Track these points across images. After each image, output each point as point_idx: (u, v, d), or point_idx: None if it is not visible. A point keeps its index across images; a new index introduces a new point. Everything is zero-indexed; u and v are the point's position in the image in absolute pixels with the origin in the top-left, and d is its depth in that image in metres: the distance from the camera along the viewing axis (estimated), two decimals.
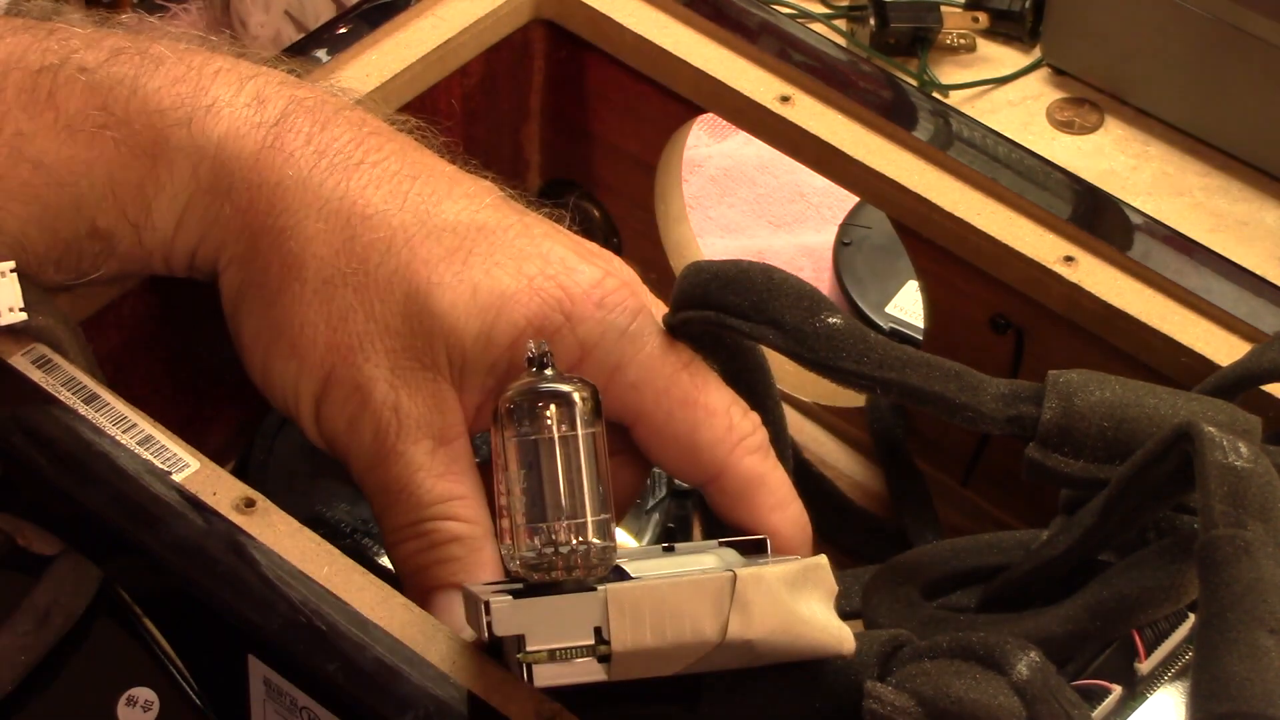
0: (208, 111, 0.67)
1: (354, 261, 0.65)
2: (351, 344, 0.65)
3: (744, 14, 0.82)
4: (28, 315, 0.65)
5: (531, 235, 0.67)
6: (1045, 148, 1.03)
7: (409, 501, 0.65)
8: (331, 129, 0.68)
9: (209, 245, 0.67)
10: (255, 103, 0.67)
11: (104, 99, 0.66)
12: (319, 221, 0.66)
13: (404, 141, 0.69)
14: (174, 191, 0.67)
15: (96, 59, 0.67)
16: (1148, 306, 0.73)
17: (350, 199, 0.66)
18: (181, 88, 0.67)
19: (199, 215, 0.67)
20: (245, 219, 0.66)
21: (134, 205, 0.67)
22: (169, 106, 0.67)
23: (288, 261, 0.66)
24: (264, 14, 1.07)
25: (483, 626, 0.56)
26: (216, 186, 0.66)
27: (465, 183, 0.68)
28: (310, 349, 0.65)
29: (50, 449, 0.64)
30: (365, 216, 0.66)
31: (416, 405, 0.65)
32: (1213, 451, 0.57)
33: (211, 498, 0.63)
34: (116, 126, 0.66)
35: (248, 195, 0.66)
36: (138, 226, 0.67)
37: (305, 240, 0.66)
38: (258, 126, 0.67)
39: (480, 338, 0.65)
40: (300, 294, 0.65)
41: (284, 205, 0.66)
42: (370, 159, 0.67)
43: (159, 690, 0.64)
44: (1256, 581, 0.54)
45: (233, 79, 0.68)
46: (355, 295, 0.65)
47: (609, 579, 0.58)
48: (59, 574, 0.65)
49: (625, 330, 0.66)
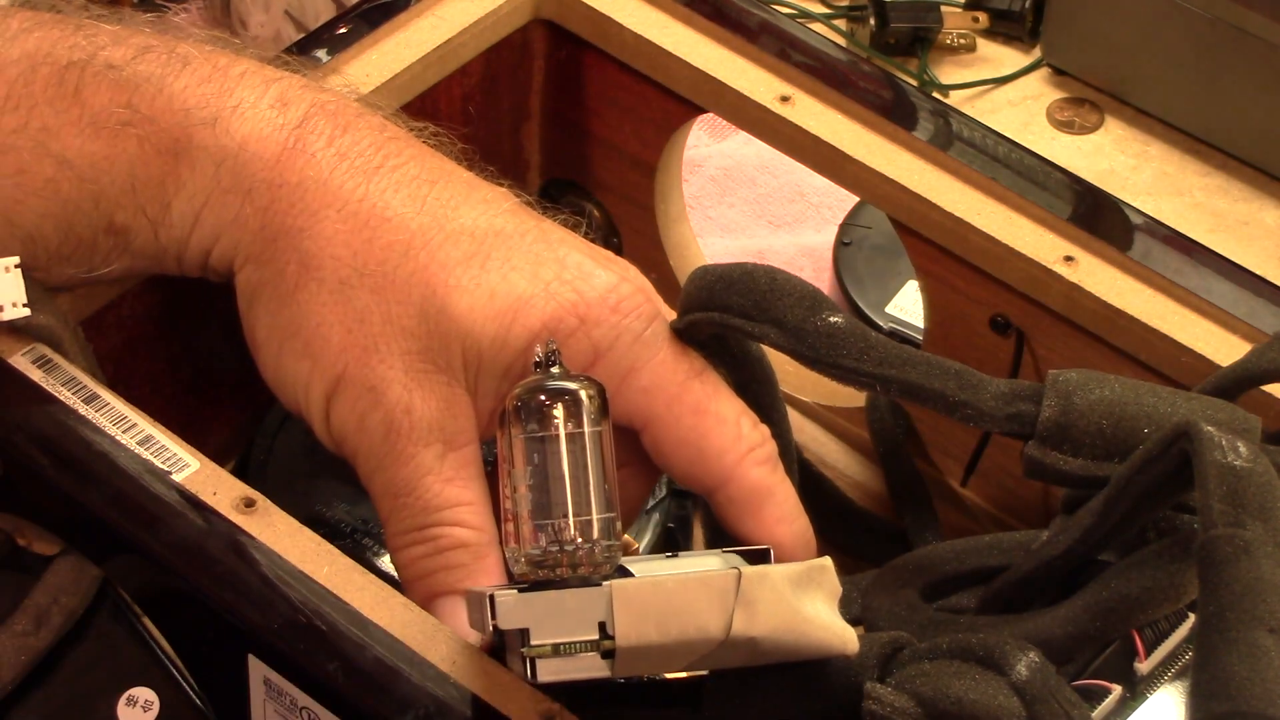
0: (233, 112, 0.67)
1: (372, 263, 0.65)
2: (366, 345, 0.65)
3: (744, 14, 0.82)
4: (30, 311, 0.65)
5: (548, 241, 0.67)
6: (1045, 148, 1.03)
7: (416, 505, 0.65)
8: (353, 132, 0.68)
9: (226, 244, 0.67)
10: (279, 104, 0.68)
11: (130, 96, 0.66)
12: (338, 222, 0.66)
13: (423, 147, 0.69)
14: (194, 190, 0.67)
15: (124, 55, 0.67)
16: (1148, 306, 0.73)
17: (370, 201, 0.66)
18: (208, 88, 0.67)
19: (217, 214, 0.67)
20: (264, 218, 0.66)
21: (153, 202, 0.67)
22: (195, 105, 0.67)
23: (305, 261, 0.66)
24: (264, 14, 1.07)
25: (487, 622, 0.56)
26: (237, 186, 0.66)
27: (483, 188, 0.69)
28: (324, 348, 0.65)
29: (50, 449, 0.64)
30: (384, 219, 0.66)
31: (429, 408, 0.65)
32: (1212, 451, 0.57)
33: (211, 498, 0.63)
34: (141, 124, 0.66)
35: (268, 195, 0.66)
36: (155, 223, 0.67)
37: (324, 240, 0.66)
38: (280, 128, 0.67)
39: (496, 341, 0.65)
40: (317, 294, 0.66)
41: (304, 205, 0.66)
42: (390, 163, 0.67)
43: (159, 690, 0.64)
44: (1256, 581, 0.54)
45: (258, 81, 0.68)
46: (372, 296, 0.65)
47: (613, 578, 0.58)
48: (59, 574, 0.65)
49: (640, 335, 0.66)
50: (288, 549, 0.62)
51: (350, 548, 0.70)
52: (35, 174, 0.66)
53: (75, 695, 0.64)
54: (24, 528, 0.66)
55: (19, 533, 0.65)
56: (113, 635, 0.65)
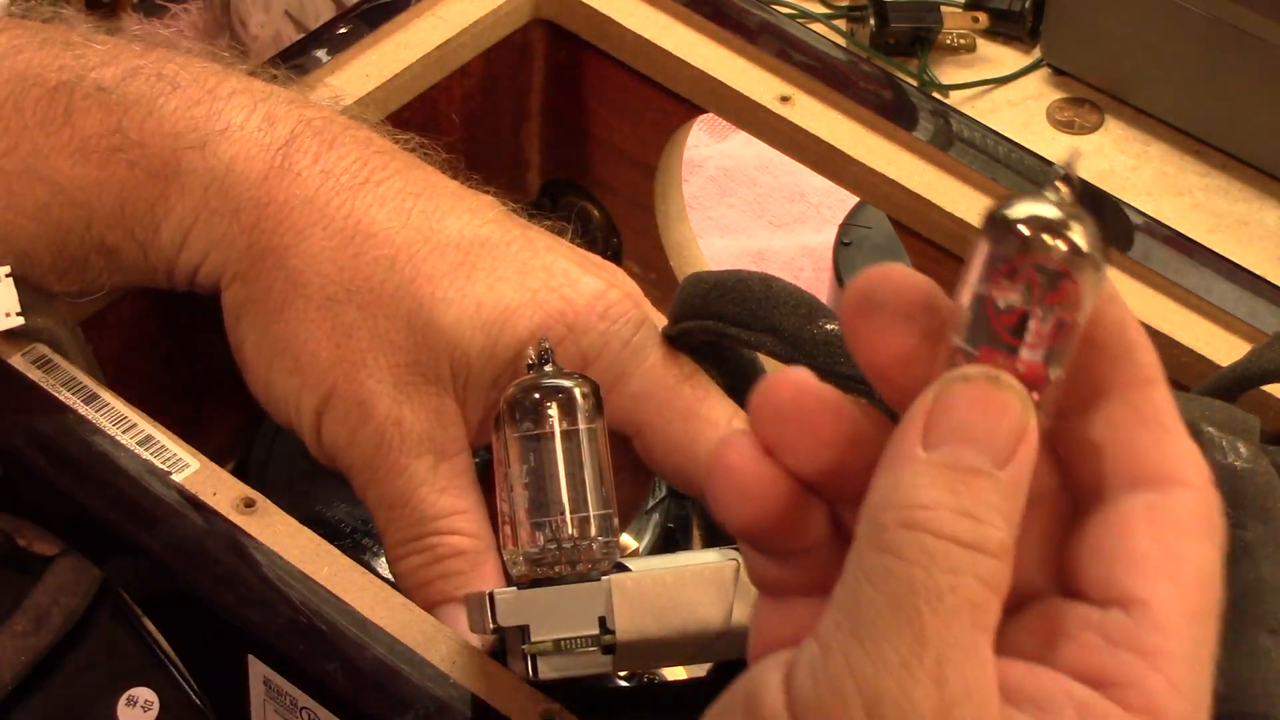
0: (221, 135, 0.67)
1: (358, 279, 0.66)
2: (355, 360, 0.65)
3: (744, 14, 0.82)
4: (25, 319, 0.66)
5: (534, 249, 0.67)
6: (1045, 148, 1.03)
7: (411, 516, 0.65)
8: (338, 149, 0.68)
9: (213, 262, 0.67)
10: (266, 124, 0.68)
11: (120, 119, 0.67)
12: (324, 239, 0.66)
13: (408, 160, 0.70)
14: (183, 212, 0.67)
15: (114, 76, 0.67)
16: (1148, 306, 0.73)
17: (355, 217, 0.66)
18: (197, 110, 0.67)
19: (204, 233, 0.67)
20: (251, 236, 0.67)
21: (142, 224, 0.67)
22: (184, 129, 0.67)
23: (292, 278, 0.66)
24: (264, 14, 1.07)
25: (487, 622, 0.56)
26: (224, 206, 0.67)
27: (468, 198, 0.69)
28: (313, 365, 0.65)
29: (50, 449, 0.64)
30: (369, 234, 0.66)
31: (419, 420, 0.65)
32: (1212, 452, 0.57)
33: (211, 498, 0.63)
34: (131, 149, 0.67)
35: (255, 214, 0.66)
36: (144, 244, 0.67)
37: (310, 258, 0.66)
38: (267, 148, 0.67)
39: (484, 352, 0.65)
40: (304, 310, 0.66)
41: (290, 224, 0.66)
42: (375, 177, 0.68)
43: (159, 690, 0.64)
44: (1256, 582, 0.54)
45: (246, 100, 0.68)
46: (359, 312, 0.65)
47: (612, 573, 0.58)
48: (59, 574, 0.65)
49: (628, 341, 0.66)
50: (288, 549, 0.62)
51: (350, 548, 0.70)
52: (26, 198, 0.66)
53: (75, 695, 0.64)
54: (24, 528, 0.66)
55: (19, 533, 0.65)
56: (113, 635, 0.65)
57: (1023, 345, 0.42)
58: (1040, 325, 0.42)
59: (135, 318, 0.74)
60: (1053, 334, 0.42)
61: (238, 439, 0.79)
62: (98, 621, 0.65)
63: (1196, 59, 1.01)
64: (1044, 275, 0.42)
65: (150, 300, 0.74)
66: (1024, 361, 0.42)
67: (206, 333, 0.73)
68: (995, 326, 0.43)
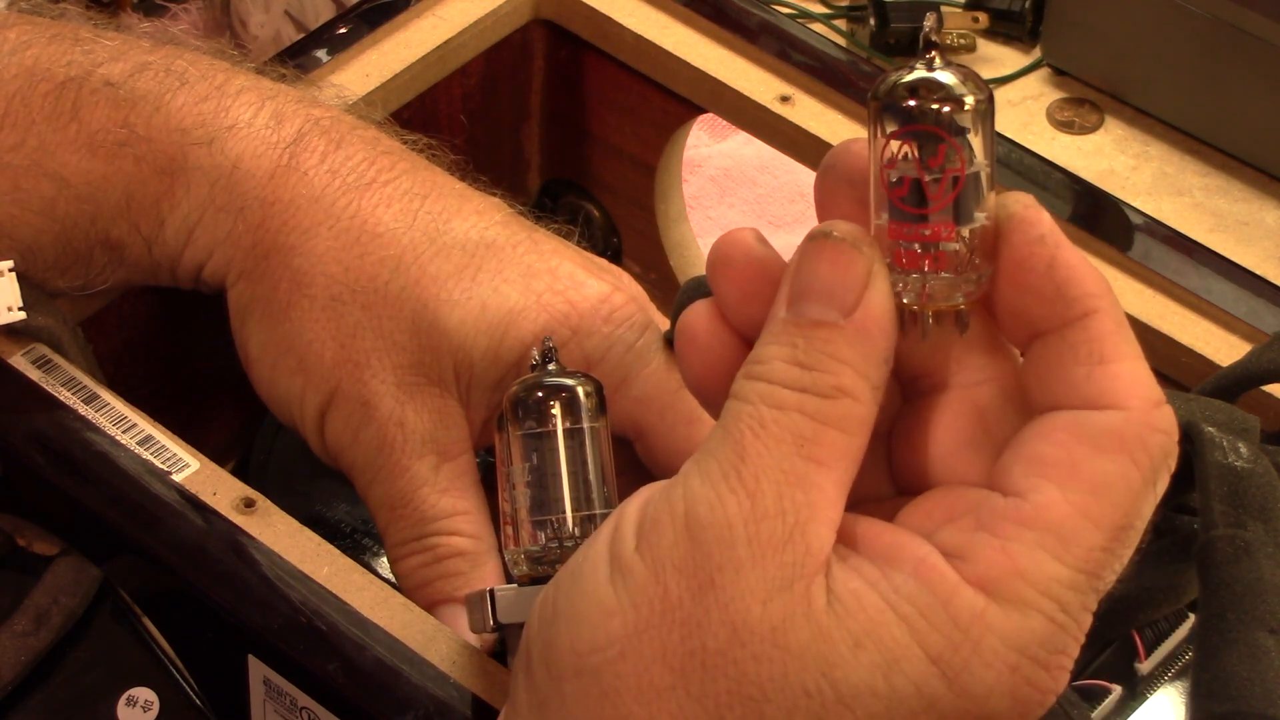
0: (229, 132, 0.67)
1: (363, 279, 0.66)
2: (359, 360, 0.65)
3: (744, 14, 0.82)
4: (27, 315, 0.66)
5: (540, 251, 0.67)
6: (1045, 148, 1.03)
7: (412, 516, 0.65)
8: (345, 148, 0.68)
9: (218, 260, 0.67)
10: (273, 122, 0.68)
11: (127, 114, 0.67)
12: (330, 240, 0.66)
13: (415, 160, 0.69)
14: (188, 209, 0.67)
15: (122, 72, 0.67)
16: (1148, 306, 0.73)
17: (361, 217, 0.66)
18: (205, 107, 0.67)
19: (210, 231, 0.67)
20: (256, 235, 0.66)
21: (148, 220, 0.67)
22: (191, 125, 0.67)
23: (297, 278, 0.66)
24: (264, 14, 1.07)
25: (487, 621, 0.56)
26: (230, 204, 0.67)
27: (475, 200, 0.69)
28: (317, 364, 0.65)
29: (50, 449, 0.64)
30: (375, 234, 0.66)
31: (422, 420, 0.65)
32: (1212, 452, 0.57)
33: (211, 498, 0.63)
34: (138, 143, 0.66)
35: (260, 213, 0.66)
36: (149, 240, 0.67)
37: (315, 258, 0.66)
38: (274, 146, 0.67)
39: (488, 354, 0.65)
40: (309, 310, 0.66)
41: (296, 223, 0.66)
42: (382, 178, 0.67)
43: (159, 690, 0.64)
44: (1256, 582, 0.54)
45: (254, 98, 0.68)
46: (364, 312, 0.65)
47: None
48: (59, 574, 0.65)
49: (632, 345, 0.66)
50: (288, 549, 0.62)
51: (350, 548, 0.70)
52: (32, 192, 0.66)
53: (75, 695, 0.64)
54: (24, 528, 0.66)
55: (19, 533, 0.65)
56: (113, 635, 0.65)
57: (926, 211, 0.45)
58: (932, 189, 0.44)
59: (135, 318, 0.74)
60: (949, 192, 0.44)
61: (238, 439, 0.79)
62: (98, 621, 0.65)
63: (1196, 59, 1.01)
64: (918, 141, 0.44)
65: (150, 300, 0.74)
66: (931, 225, 0.44)
67: (206, 333, 0.73)
68: (893, 199, 0.45)
